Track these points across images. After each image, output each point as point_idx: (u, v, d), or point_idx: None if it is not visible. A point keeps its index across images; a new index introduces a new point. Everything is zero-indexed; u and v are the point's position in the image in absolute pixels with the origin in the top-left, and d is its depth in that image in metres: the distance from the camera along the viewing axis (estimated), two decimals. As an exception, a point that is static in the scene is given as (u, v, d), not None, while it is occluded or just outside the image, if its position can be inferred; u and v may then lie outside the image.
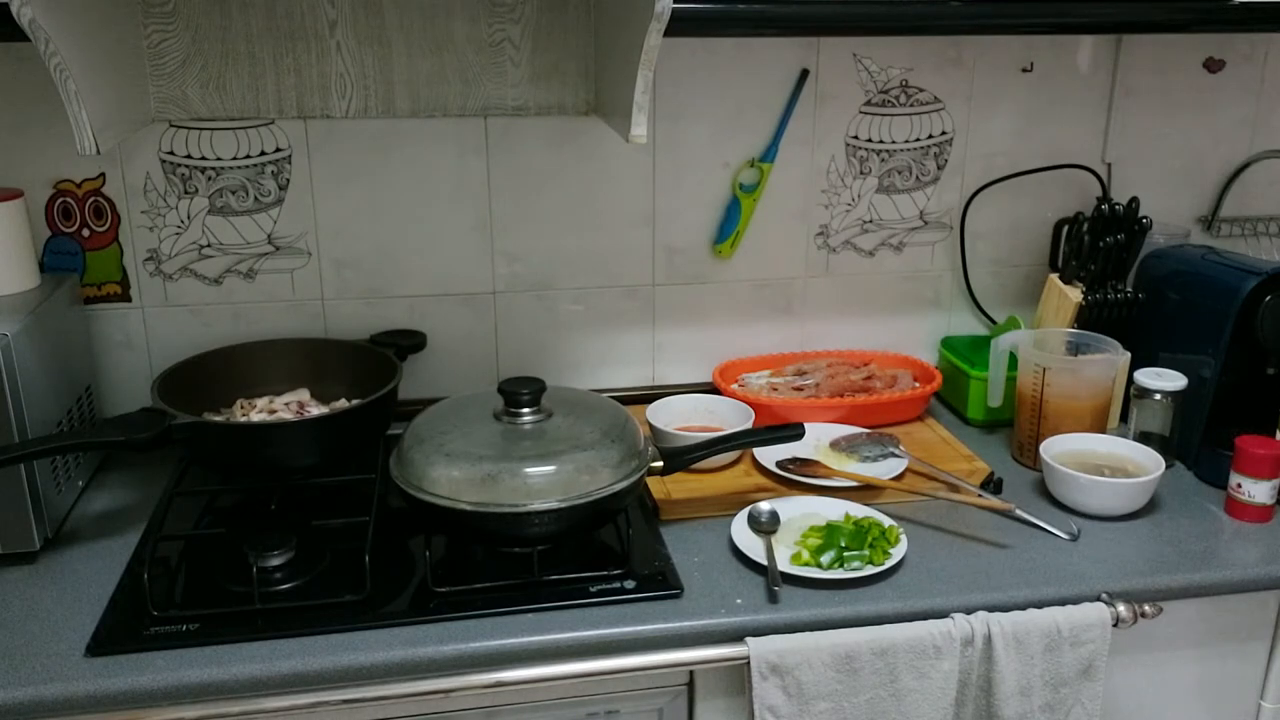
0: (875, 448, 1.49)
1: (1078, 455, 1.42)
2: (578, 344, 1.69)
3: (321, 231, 1.56)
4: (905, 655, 1.15)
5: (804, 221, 1.70)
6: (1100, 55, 1.71)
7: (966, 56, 1.66)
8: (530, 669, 1.11)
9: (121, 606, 1.16)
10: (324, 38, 1.48)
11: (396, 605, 1.16)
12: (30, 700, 1.03)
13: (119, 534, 1.32)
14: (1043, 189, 1.76)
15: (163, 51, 1.44)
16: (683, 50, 1.57)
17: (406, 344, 1.55)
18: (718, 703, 1.19)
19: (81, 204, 1.49)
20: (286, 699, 1.07)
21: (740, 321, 1.73)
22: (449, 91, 1.53)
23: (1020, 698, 1.19)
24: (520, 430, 1.25)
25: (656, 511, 1.36)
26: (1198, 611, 1.30)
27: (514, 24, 1.51)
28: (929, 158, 1.71)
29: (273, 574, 1.20)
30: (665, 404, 1.58)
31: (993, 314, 1.80)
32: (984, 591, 1.20)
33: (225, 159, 1.51)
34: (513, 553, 1.24)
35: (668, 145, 1.62)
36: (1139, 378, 1.47)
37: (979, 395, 1.62)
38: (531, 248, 1.63)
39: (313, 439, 1.34)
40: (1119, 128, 1.75)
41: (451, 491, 1.18)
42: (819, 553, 1.23)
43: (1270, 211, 1.85)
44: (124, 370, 1.56)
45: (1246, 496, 1.36)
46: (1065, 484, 1.37)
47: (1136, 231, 1.59)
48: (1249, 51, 1.75)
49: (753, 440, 1.40)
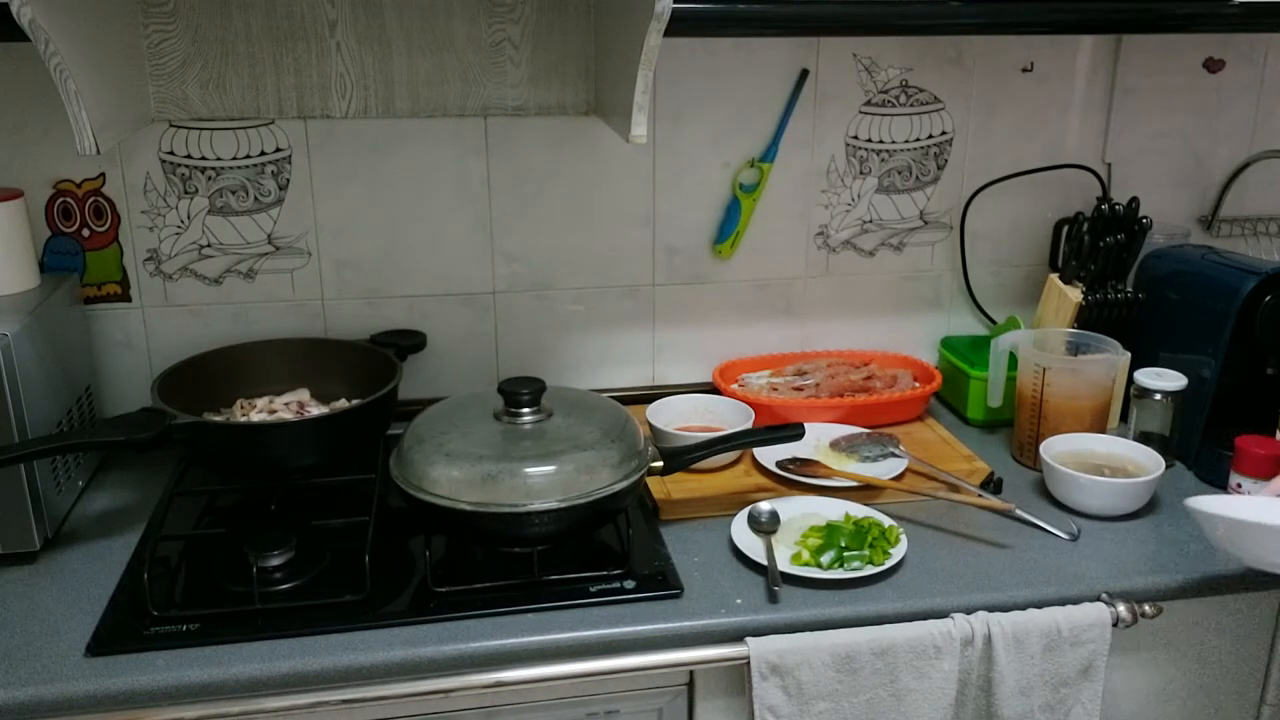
0: (875, 448, 1.49)
1: (1078, 455, 1.42)
2: (578, 344, 1.69)
3: (321, 231, 1.56)
4: (905, 655, 1.15)
5: (804, 221, 1.70)
6: (1100, 55, 1.71)
7: (966, 56, 1.66)
8: (530, 669, 1.11)
9: (121, 606, 1.16)
10: (324, 38, 1.48)
11: (396, 605, 1.16)
12: (30, 700, 1.03)
13: (119, 534, 1.32)
14: (1043, 189, 1.76)
15: (163, 51, 1.44)
16: (683, 50, 1.57)
17: (406, 344, 1.55)
18: (718, 703, 1.19)
19: (81, 204, 1.49)
20: (286, 699, 1.07)
21: (740, 321, 1.73)
22: (449, 91, 1.53)
23: (1020, 698, 1.19)
24: (520, 430, 1.25)
25: (656, 511, 1.36)
26: (1198, 611, 1.30)
27: (514, 24, 1.51)
28: (929, 158, 1.71)
29: (273, 574, 1.20)
30: (665, 404, 1.58)
31: (993, 314, 1.80)
32: (984, 591, 1.20)
33: (225, 159, 1.51)
34: (513, 553, 1.24)
35: (668, 145, 1.62)
36: (1139, 378, 1.47)
37: (979, 395, 1.62)
38: (531, 248, 1.63)
39: (313, 439, 1.34)
40: (1119, 128, 1.75)
41: (451, 491, 1.18)
42: (819, 553, 1.23)
43: (1270, 211, 1.85)
44: (124, 370, 1.56)
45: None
46: (1065, 484, 1.37)
47: (1136, 231, 1.59)
48: (1249, 51, 1.75)
49: (753, 440, 1.40)
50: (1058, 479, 1.38)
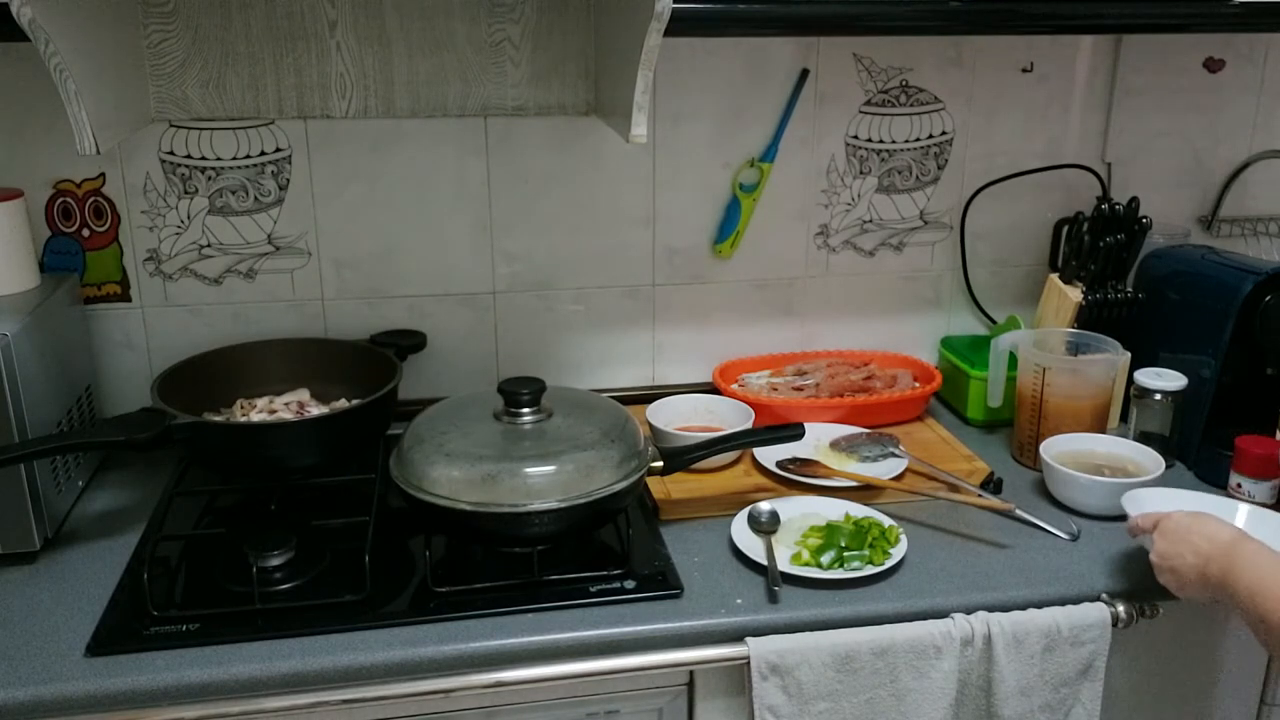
0: (875, 448, 1.49)
1: (1078, 455, 1.42)
2: (578, 344, 1.69)
3: (321, 231, 1.56)
4: (905, 655, 1.15)
5: (804, 221, 1.70)
6: (1100, 55, 1.71)
7: (966, 56, 1.66)
8: (530, 669, 1.11)
9: (121, 606, 1.16)
10: (324, 38, 1.48)
11: (396, 605, 1.16)
12: (30, 700, 1.03)
13: (119, 534, 1.32)
14: (1043, 189, 1.76)
15: (163, 51, 1.44)
16: (683, 50, 1.57)
17: (406, 344, 1.55)
18: (718, 703, 1.19)
19: (81, 204, 1.49)
20: (286, 699, 1.07)
21: (740, 321, 1.73)
22: (449, 91, 1.53)
23: (1020, 698, 1.19)
24: (520, 430, 1.25)
25: (656, 511, 1.36)
26: (1198, 612, 1.29)
27: (514, 24, 1.51)
28: (929, 158, 1.71)
29: (273, 574, 1.20)
30: (665, 404, 1.58)
31: (993, 314, 1.80)
32: (984, 591, 1.20)
33: (225, 159, 1.51)
34: (513, 553, 1.24)
35: (668, 145, 1.62)
36: (1139, 378, 1.47)
37: (979, 395, 1.62)
38: (531, 248, 1.63)
39: (313, 439, 1.34)
40: (1119, 128, 1.75)
41: (451, 491, 1.18)
42: (819, 553, 1.23)
43: (1270, 211, 1.85)
44: (124, 370, 1.56)
45: (1246, 496, 1.36)
46: (1065, 484, 1.37)
47: (1136, 231, 1.59)
48: (1249, 51, 1.75)
49: (753, 440, 1.40)
50: (1058, 479, 1.38)
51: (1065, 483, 1.37)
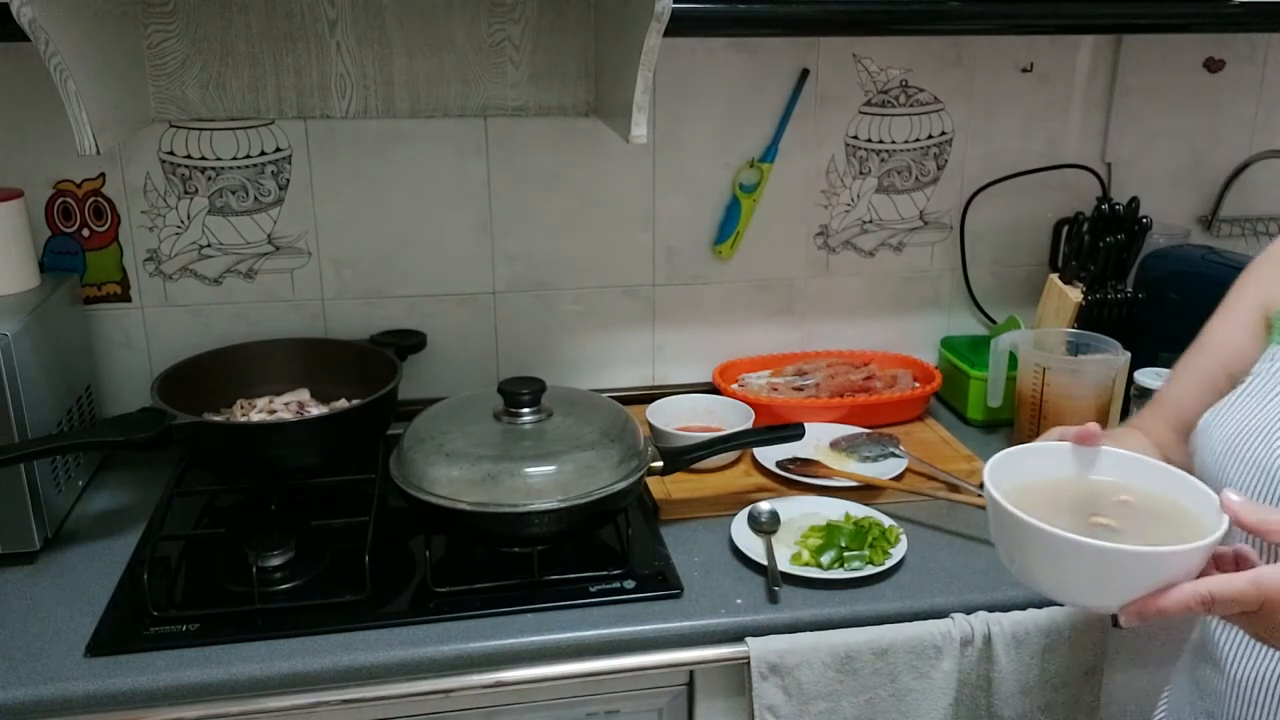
0: (875, 448, 1.49)
1: (1078, 455, 1.42)
2: (578, 344, 1.69)
3: (321, 231, 1.56)
4: (905, 655, 1.15)
5: (804, 221, 1.70)
6: (1100, 55, 1.71)
7: (966, 56, 1.66)
8: (530, 669, 1.11)
9: (121, 606, 1.16)
10: (324, 38, 1.48)
11: (396, 605, 1.16)
12: (30, 700, 1.03)
13: (119, 534, 1.32)
14: (1043, 189, 1.76)
15: (163, 52, 1.44)
16: (683, 50, 1.57)
17: (406, 344, 1.55)
18: (718, 703, 1.19)
19: (81, 204, 1.49)
20: (286, 699, 1.07)
21: (740, 321, 1.73)
22: (449, 91, 1.53)
23: (1020, 698, 1.19)
24: (520, 430, 1.25)
25: (656, 511, 1.36)
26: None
27: (514, 24, 1.51)
28: (929, 158, 1.71)
29: (273, 574, 1.20)
30: (665, 404, 1.58)
31: (993, 314, 1.80)
32: (984, 591, 1.20)
33: (225, 159, 1.51)
34: (513, 553, 1.24)
35: (668, 145, 1.62)
36: (1139, 378, 1.47)
37: (979, 395, 1.62)
38: (531, 248, 1.63)
39: (313, 439, 1.34)
40: (1119, 128, 1.75)
41: (451, 491, 1.18)
42: (819, 553, 1.23)
43: (1270, 211, 1.85)
44: (124, 370, 1.56)
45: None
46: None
47: (1136, 231, 1.59)
48: (1249, 51, 1.75)
49: (753, 440, 1.40)
50: (1058, 479, 1.38)
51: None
